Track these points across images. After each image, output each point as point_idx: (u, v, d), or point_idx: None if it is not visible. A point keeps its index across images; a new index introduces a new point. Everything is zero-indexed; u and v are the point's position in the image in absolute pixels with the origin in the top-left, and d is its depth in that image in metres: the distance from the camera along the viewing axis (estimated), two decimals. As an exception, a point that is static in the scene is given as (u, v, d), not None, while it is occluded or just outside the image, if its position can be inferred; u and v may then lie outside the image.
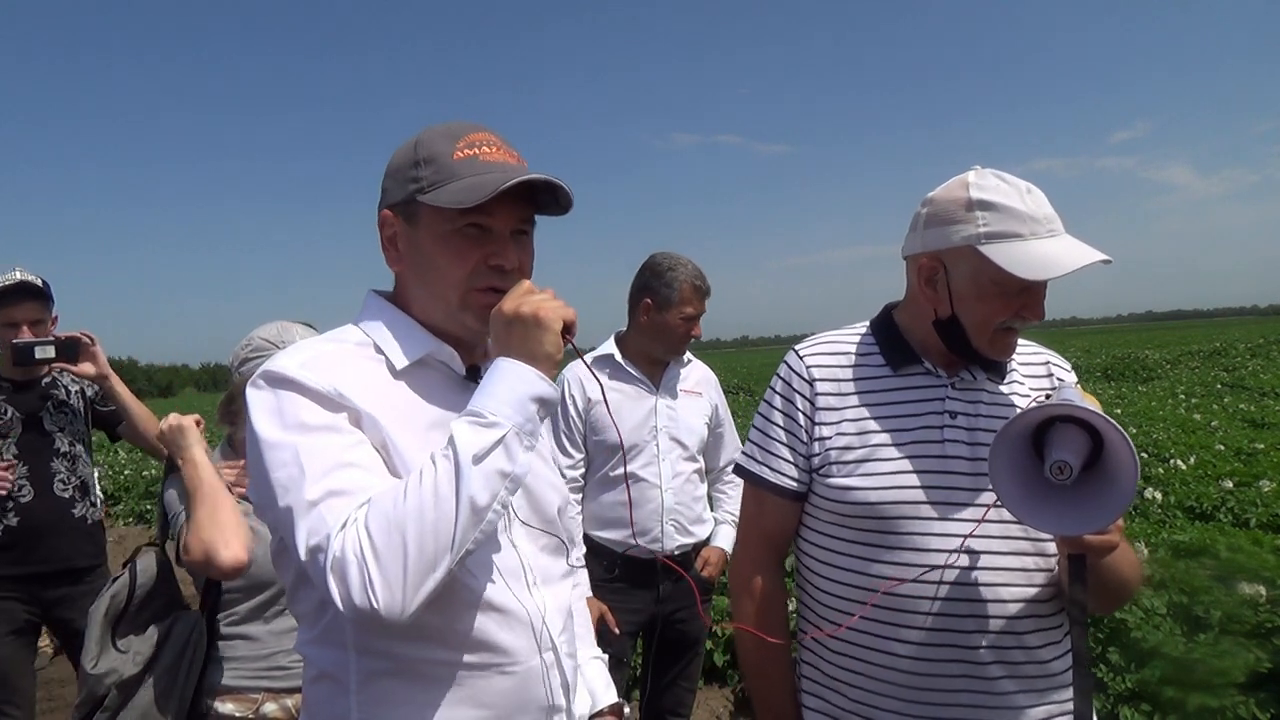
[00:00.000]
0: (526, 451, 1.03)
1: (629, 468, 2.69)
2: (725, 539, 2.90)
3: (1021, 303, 1.34)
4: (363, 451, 1.04)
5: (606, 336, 2.88)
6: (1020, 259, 1.29)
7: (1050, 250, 1.30)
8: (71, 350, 2.66)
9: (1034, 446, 1.23)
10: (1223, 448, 7.70)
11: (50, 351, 2.64)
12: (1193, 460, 7.08)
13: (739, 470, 1.56)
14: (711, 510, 2.99)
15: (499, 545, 1.15)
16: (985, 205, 1.33)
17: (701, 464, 2.87)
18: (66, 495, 2.79)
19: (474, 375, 1.20)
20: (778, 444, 1.49)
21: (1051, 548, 1.35)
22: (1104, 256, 1.30)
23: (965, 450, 1.38)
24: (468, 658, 1.09)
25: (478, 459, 0.98)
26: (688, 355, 2.88)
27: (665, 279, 2.69)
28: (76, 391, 2.91)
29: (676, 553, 2.72)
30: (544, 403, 1.06)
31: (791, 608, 1.65)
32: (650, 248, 2.78)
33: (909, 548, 1.35)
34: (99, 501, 2.97)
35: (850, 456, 1.41)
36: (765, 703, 1.55)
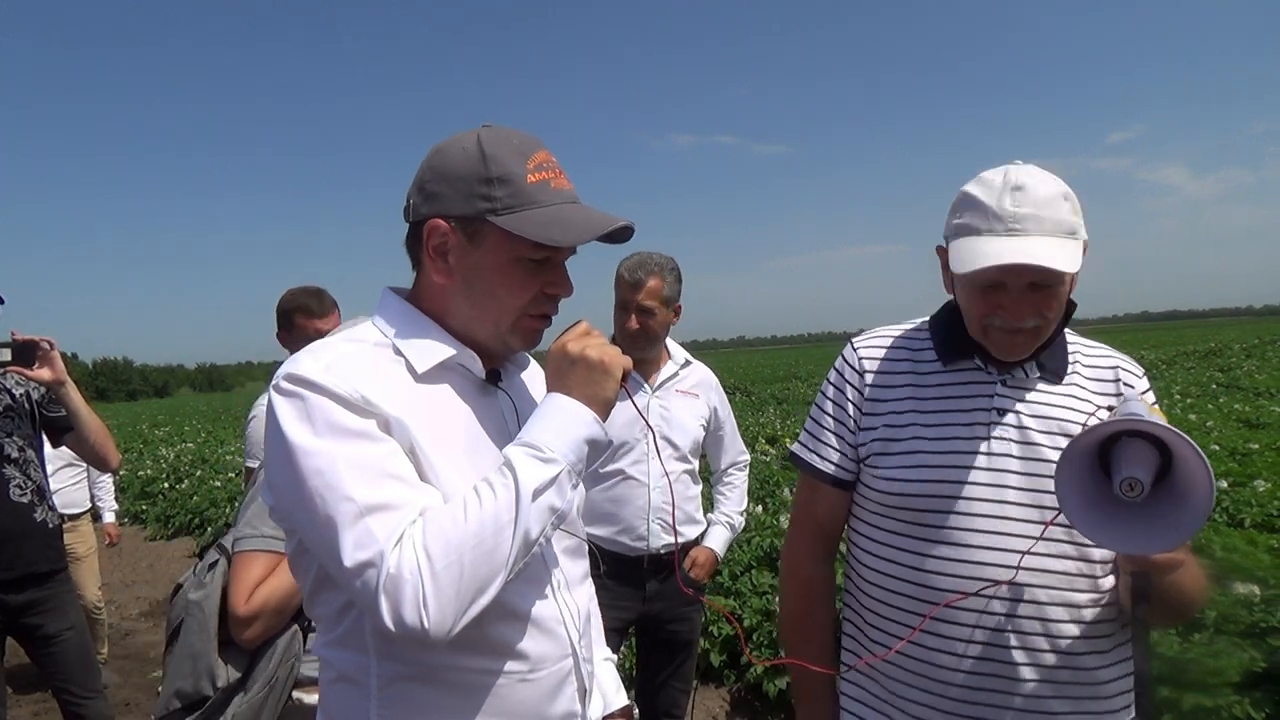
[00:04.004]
0: (573, 490, 1.04)
1: (617, 464, 2.66)
2: (717, 540, 2.88)
3: (997, 302, 1.29)
4: (400, 461, 1.02)
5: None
6: (961, 255, 1.26)
7: (993, 248, 1.23)
8: (28, 354, 2.54)
9: (1099, 461, 1.18)
10: (1218, 448, 7.70)
11: (6, 355, 2.52)
12: (1188, 460, 7.08)
13: (793, 458, 1.56)
14: (710, 511, 2.98)
15: None
16: (965, 200, 1.31)
17: (694, 465, 2.83)
18: (25, 500, 2.71)
19: (492, 379, 1.20)
20: (828, 433, 1.50)
21: (1097, 554, 1.31)
22: (1033, 260, 1.18)
23: (1015, 449, 1.34)
24: (492, 665, 1.08)
25: (536, 494, 0.99)
26: (686, 356, 2.84)
27: (618, 272, 2.67)
28: (22, 394, 2.80)
29: (663, 552, 2.69)
30: (595, 445, 1.07)
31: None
32: (648, 249, 2.77)
33: (952, 542, 1.34)
34: (56, 505, 2.91)
35: (895, 448, 1.40)
36: (804, 685, 1.56)
